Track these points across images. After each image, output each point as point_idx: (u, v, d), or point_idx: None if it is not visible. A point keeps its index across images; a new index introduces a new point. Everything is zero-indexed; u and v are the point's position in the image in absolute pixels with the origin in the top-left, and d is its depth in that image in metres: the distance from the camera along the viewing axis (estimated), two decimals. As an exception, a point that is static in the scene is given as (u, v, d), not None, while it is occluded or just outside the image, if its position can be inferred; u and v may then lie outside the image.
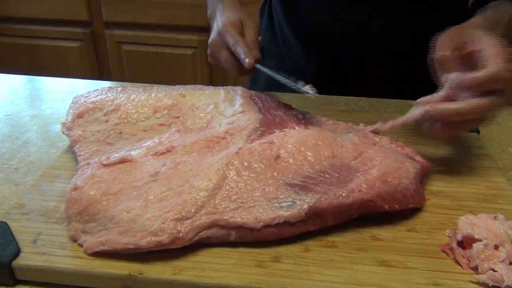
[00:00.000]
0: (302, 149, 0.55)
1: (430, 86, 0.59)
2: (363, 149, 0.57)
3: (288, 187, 0.51)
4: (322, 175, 0.52)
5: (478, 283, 0.44)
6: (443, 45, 0.57)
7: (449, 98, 0.57)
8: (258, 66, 0.72)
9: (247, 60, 0.71)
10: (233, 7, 0.82)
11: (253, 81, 1.04)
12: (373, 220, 0.52)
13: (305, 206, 0.48)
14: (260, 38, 0.79)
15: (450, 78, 0.56)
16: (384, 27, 0.83)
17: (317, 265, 0.46)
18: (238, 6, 0.84)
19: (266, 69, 0.71)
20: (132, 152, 0.56)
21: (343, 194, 0.50)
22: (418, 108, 0.57)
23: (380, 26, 0.84)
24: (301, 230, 0.49)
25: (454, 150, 0.66)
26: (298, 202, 0.49)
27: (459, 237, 0.48)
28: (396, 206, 0.51)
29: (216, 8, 0.84)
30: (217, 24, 0.79)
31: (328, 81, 0.93)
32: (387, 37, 0.84)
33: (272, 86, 0.87)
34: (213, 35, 0.79)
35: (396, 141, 0.61)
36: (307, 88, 0.63)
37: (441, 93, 0.57)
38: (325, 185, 0.51)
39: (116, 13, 1.97)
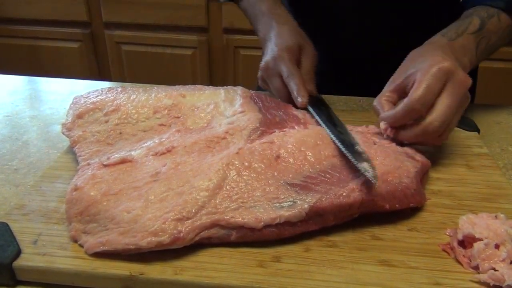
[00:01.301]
0: (302, 149, 0.55)
1: None
2: (364, 148, 0.57)
3: (288, 187, 0.51)
4: (323, 174, 0.52)
5: (479, 282, 0.44)
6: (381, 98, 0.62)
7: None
8: (310, 109, 0.66)
9: (299, 99, 0.67)
10: (290, 28, 0.75)
11: None
12: (374, 220, 0.52)
13: (306, 206, 0.48)
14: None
15: (381, 118, 0.60)
16: (393, 27, 0.83)
17: (318, 264, 0.46)
18: (296, 26, 0.77)
19: (317, 116, 0.64)
20: (133, 153, 0.56)
21: (344, 194, 0.50)
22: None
23: (389, 27, 0.83)
24: (301, 230, 0.49)
25: (454, 149, 0.66)
26: (298, 202, 0.49)
27: (460, 237, 0.48)
28: (397, 205, 0.51)
29: (271, 28, 0.76)
30: (272, 47, 0.72)
31: (333, 80, 0.94)
32: (395, 37, 0.84)
33: None
34: (266, 58, 0.72)
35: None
36: (365, 166, 0.51)
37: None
38: (326, 184, 0.51)
39: (115, 14, 1.97)
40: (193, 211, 0.47)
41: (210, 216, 0.47)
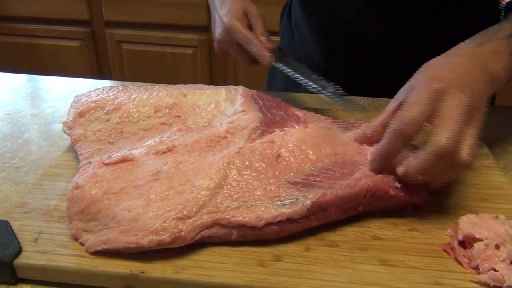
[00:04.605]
0: (303, 147, 0.55)
1: None
2: (365, 146, 0.57)
3: (290, 185, 0.51)
4: (325, 172, 0.52)
5: (479, 282, 0.44)
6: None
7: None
8: (276, 65, 0.72)
9: (265, 59, 0.71)
10: None
11: (270, 81, 1.04)
12: (375, 220, 0.52)
13: (308, 202, 0.48)
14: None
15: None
16: (402, 30, 0.83)
17: (319, 264, 0.46)
18: None
19: (286, 68, 0.72)
20: (134, 151, 0.56)
21: (350, 184, 0.50)
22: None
23: (398, 30, 0.83)
24: (303, 227, 0.49)
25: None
26: (301, 199, 0.49)
27: (460, 237, 0.48)
28: (401, 194, 0.51)
29: None
30: (219, 17, 0.75)
31: (339, 80, 0.94)
32: (403, 40, 0.84)
33: (290, 86, 0.86)
34: (218, 30, 0.76)
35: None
36: (331, 91, 0.57)
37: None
38: (329, 180, 0.51)
39: (116, 13, 1.97)
40: (194, 210, 0.47)
41: (211, 215, 0.47)
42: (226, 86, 0.70)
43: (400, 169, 0.51)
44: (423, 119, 0.50)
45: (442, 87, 0.50)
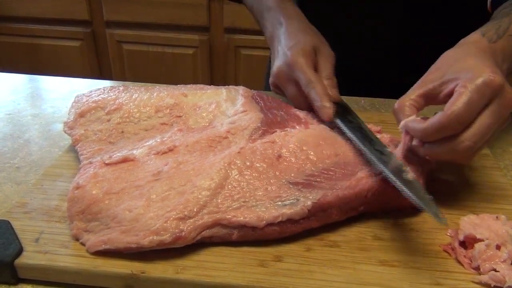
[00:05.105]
0: (304, 148, 0.55)
1: None
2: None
3: (291, 186, 0.51)
4: (326, 172, 0.52)
5: (480, 283, 0.44)
6: (407, 95, 0.53)
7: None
8: (339, 122, 0.59)
9: (325, 111, 0.60)
10: (301, 25, 0.68)
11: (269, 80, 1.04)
12: (375, 220, 0.52)
13: (309, 203, 0.48)
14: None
15: (403, 125, 0.52)
16: (402, 30, 0.83)
17: (319, 264, 0.46)
18: (307, 22, 0.70)
19: (350, 133, 0.57)
20: (134, 151, 0.56)
21: (351, 184, 0.50)
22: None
23: (397, 30, 0.84)
24: (304, 227, 0.49)
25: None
26: (301, 199, 0.49)
27: (461, 237, 0.48)
28: (402, 195, 0.51)
29: (279, 25, 0.69)
30: (283, 49, 0.65)
31: (339, 80, 0.94)
32: (402, 40, 0.84)
33: None
34: (279, 63, 0.66)
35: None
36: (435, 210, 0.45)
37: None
38: (330, 181, 0.51)
39: (117, 13, 1.97)
40: (195, 210, 0.47)
41: (211, 215, 0.47)
42: (226, 87, 0.70)
43: (425, 151, 0.50)
44: (474, 114, 0.47)
45: (498, 82, 0.47)
